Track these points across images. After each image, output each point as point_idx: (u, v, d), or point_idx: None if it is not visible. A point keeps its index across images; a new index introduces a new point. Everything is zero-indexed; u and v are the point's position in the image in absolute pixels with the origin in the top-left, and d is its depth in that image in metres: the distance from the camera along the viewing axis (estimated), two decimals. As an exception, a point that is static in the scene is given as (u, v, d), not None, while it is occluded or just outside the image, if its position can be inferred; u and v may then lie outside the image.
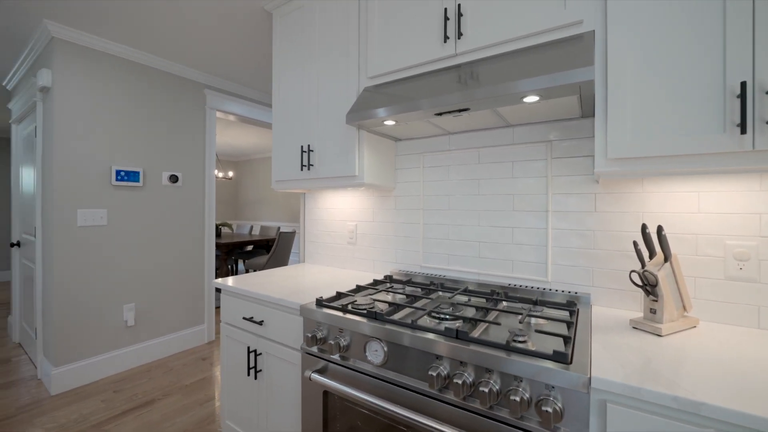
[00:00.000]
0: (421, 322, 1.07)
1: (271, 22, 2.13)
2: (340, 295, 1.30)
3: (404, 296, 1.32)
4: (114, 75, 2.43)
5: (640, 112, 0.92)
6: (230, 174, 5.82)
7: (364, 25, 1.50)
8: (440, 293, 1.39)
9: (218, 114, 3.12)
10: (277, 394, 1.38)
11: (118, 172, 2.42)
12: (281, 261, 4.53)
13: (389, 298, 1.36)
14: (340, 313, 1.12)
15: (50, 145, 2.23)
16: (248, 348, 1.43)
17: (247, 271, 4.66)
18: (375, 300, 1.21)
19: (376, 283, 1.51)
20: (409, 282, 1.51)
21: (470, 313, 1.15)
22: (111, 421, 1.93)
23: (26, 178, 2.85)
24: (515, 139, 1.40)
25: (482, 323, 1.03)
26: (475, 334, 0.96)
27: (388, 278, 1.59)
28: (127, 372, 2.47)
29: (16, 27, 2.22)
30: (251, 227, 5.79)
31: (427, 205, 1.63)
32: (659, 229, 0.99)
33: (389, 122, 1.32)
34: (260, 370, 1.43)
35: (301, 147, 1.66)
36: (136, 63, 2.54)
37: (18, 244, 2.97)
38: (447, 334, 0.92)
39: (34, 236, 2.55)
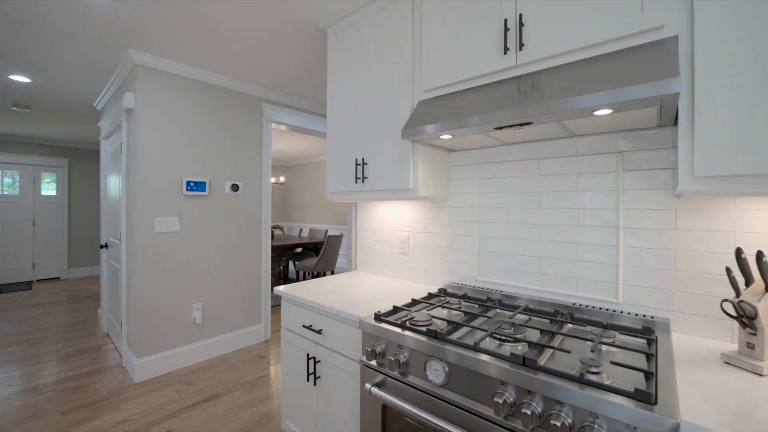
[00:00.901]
0: (483, 343, 1.05)
1: (325, 39, 2.22)
2: (396, 309, 1.31)
3: (461, 312, 1.30)
4: (184, 94, 2.67)
5: (735, 123, 0.83)
6: (281, 179, 6.11)
7: (419, 40, 1.51)
8: (498, 310, 1.36)
9: (273, 125, 3.30)
10: (336, 401, 1.43)
11: (188, 183, 2.65)
12: (329, 263, 4.67)
13: (445, 313, 1.35)
14: (398, 330, 1.13)
15: (133, 160, 2.51)
16: (308, 355, 1.50)
17: (297, 272, 4.87)
18: (433, 316, 1.21)
19: (430, 296, 1.51)
20: (464, 297, 1.49)
21: (534, 335, 1.11)
22: (183, 411, 2.12)
23: (112, 187, 3.22)
24: (580, 150, 1.32)
25: (548, 348, 0.99)
26: (542, 360, 0.92)
27: (443, 291, 1.58)
28: (195, 365, 2.70)
29: (105, 56, 2.51)
30: (300, 229, 6.04)
31: (482, 218, 1.59)
32: (759, 254, 0.88)
33: (445, 136, 1.32)
34: (319, 377, 1.50)
35: (356, 160, 1.70)
36: (203, 82, 2.77)
37: (106, 246, 3.37)
38: (513, 360, 0.89)
39: (119, 240, 2.87)
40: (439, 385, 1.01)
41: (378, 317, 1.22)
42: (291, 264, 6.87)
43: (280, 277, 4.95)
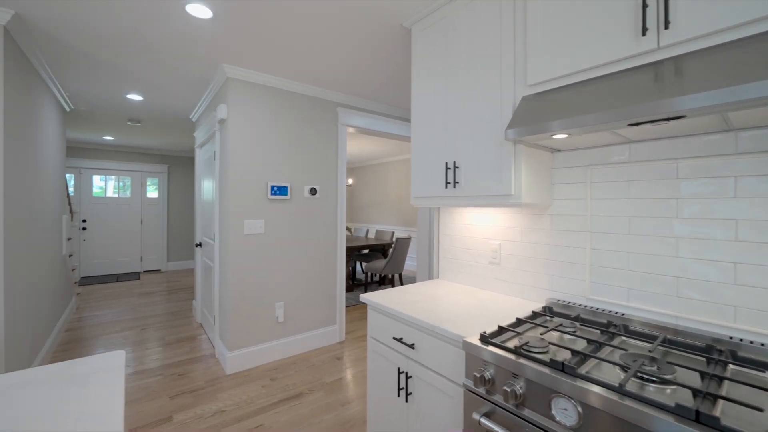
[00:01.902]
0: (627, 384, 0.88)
1: (406, 39, 2.15)
2: (502, 330, 1.19)
3: (578, 338, 1.13)
4: (267, 103, 2.80)
5: None
6: (350, 181, 6.25)
7: (522, 29, 1.35)
8: (625, 338, 1.16)
9: (348, 129, 3.33)
10: (431, 422, 1.35)
11: (272, 188, 2.79)
12: (397, 266, 4.64)
13: (559, 337, 1.19)
14: (512, 356, 1.01)
15: (225, 166, 2.70)
16: (398, 369, 1.44)
17: (366, 274, 4.92)
18: (549, 343, 1.06)
19: (535, 315, 1.36)
20: (577, 318, 1.31)
21: (689, 378, 0.90)
22: (270, 408, 2.21)
23: (205, 192, 3.53)
24: (740, 148, 1.07)
25: (720, 399, 0.79)
26: (716, 412, 0.73)
27: (548, 310, 1.41)
28: (279, 362, 2.83)
29: (202, 72, 2.74)
30: (367, 230, 6.13)
31: (596, 227, 1.39)
32: None
33: (560, 135, 1.15)
34: (410, 393, 1.43)
35: (446, 164, 1.60)
36: (284, 90, 2.88)
37: (200, 245, 3.71)
38: (681, 414, 0.72)
39: (213, 240, 3.13)
40: (569, 428, 0.87)
41: (485, 339, 1.11)
42: (359, 264, 6.99)
43: (349, 277, 5.05)
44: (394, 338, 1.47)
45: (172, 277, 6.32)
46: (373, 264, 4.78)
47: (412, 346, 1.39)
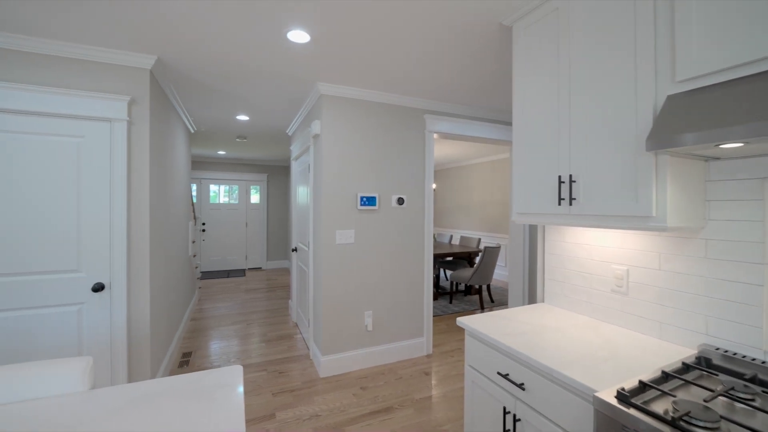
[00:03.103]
0: None
1: (506, 37, 1.96)
2: (645, 386, 0.97)
3: (757, 409, 0.86)
4: (356, 116, 2.86)
5: None
6: (433, 186, 6.14)
7: (667, 15, 1.09)
8: (844, 420, 0.84)
9: (434, 135, 3.23)
10: (544, 477, 1.18)
11: (361, 198, 2.84)
12: (485, 276, 4.38)
13: (727, 405, 0.92)
14: (668, 429, 0.80)
15: (319, 178, 2.84)
16: (504, 408, 1.30)
17: (451, 283, 4.76)
18: (721, 417, 0.82)
19: (687, 368, 1.09)
20: (753, 379, 1.01)
21: None
22: (362, 419, 2.24)
23: (300, 200, 3.78)
24: None
25: None
26: None
27: (704, 361, 1.13)
28: (368, 370, 2.87)
29: (297, 91, 2.92)
30: (451, 236, 5.94)
31: (781, 260, 1.06)
32: None
33: (732, 144, 0.89)
34: (519, 438, 1.28)
35: (559, 177, 1.40)
36: (373, 102, 2.91)
37: (295, 250, 4.00)
38: None
39: (307, 247, 3.33)
40: None
41: (624, 398, 0.91)
42: (442, 271, 6.82)
43: (433, 285, 4.95)
44: (499, 373, 1.33)
45: (271, 275, 7.00)
46: (459, 273, 4.59)
47: (521, 386, 1.24)
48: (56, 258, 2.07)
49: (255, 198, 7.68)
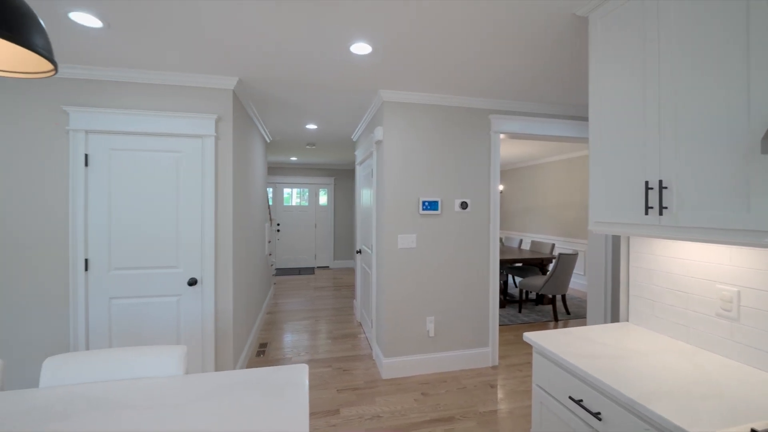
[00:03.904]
0: None
1: (579, 28, 1.79)
2: (759, 437, 0.81)
3: None
4: (420, 120, 2.86)
5: None
6: (501, 188, 5.86)
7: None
8: None
9: (500, 136, 3.08)
10: None
11: (423, 203, 2.83)
12: (560, 286, 4.04)
13: None
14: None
15: (382, 183, 2.89)
16: (577, 437, 1.19)
17: (521, 291, 4.48)
18: None
19: (823, 419, 0.88)
20: None
21: None
22: (422, 425, 2.23)
23: (364, 203, 3.90)
24: None
25: None
26: None
27: None
28: (429, 376, 2.85)
29: (361, 99, 3.01)
30: (520, 241, 5.60)
31: None
32: None
33: None
34: (594, 473, 1.15)
35: (646, 183, 1.23)
36: (435, 105, 2.88)
37: (360, 252, 4.14)
38: None
39: (371, 250, 3.42)
40: None
41: (730, 450, 0.77)
42: (511, 278, 6.47)
43: (500, 292, 4.72)
44: (572, 398, 1.22)
45: (337, 274, 7.33)
46: (530, 281, 4.31)
47: (597, 416, 1.12)
48: (162, 255, 2.44)
49: (323, 200, 8.12)
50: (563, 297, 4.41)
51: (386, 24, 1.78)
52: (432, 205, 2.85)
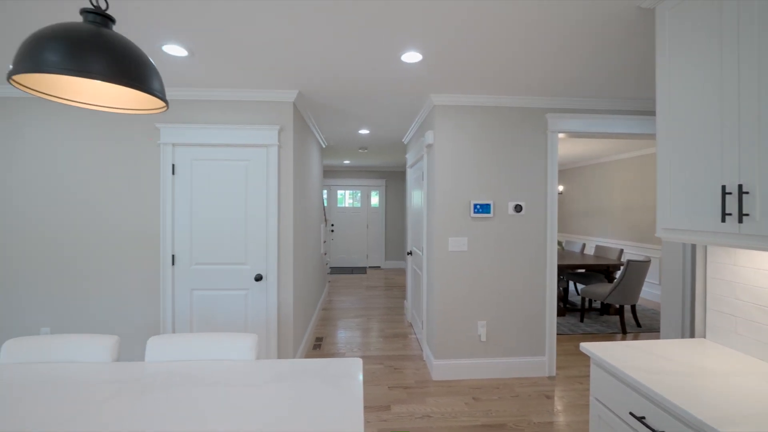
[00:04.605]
0: None
1: (644, 21, 1.67)
2: None
3: None
4: (471, 122, 2.84)
5: None
6: (560, 188, 5.54)
7: None
8: None
9: (559, 135, 2.94)
10: None
11: (475, 206, 2.80)
12: (628, 295, 3.73)
13: None
14: None
15: (432, 186, 2.92)
16: (639, 456, 1.13)
17: (583, 299, 4.20)
18: None
19: None
20: None
21: None
22: (474, 430, 2.22)
23: (415, 206, 3.95)
24: None
25: None
26: None
27: None
28: (480, 381, 2.82)
29: (411, 104, 3.07)
30: (583, 245, 5.22)
31: None
32: None
33: None
34: (659, 496, 1.09)
35: (722, 187, 1.13)
36: (487, 107, 2.84)
37: (410, 253, 4.20)
38: None
39: (421, 252, 3.46)
40: None
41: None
42: (572, 284, 6.07)
43: (560, 299, 4.47)
44: (632, 414, 1.16)
45: (388, 274, 7.46)
46: (593, 288, 4.02)
47: (662, 436, 1.06)
48: (233, 253, 2.72)
49: (375, 201, 8.31)
50: (633, 308, 4.04)
51: (437, 31, 1.82)
52: (484, 208, 2.81)
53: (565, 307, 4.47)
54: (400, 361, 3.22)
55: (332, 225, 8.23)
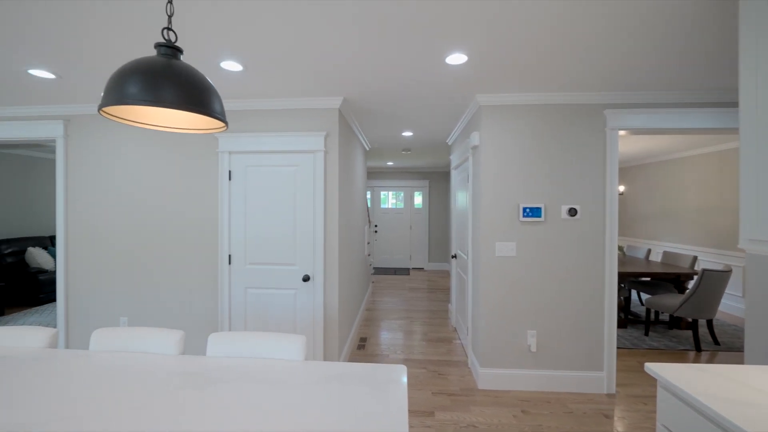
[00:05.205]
0: None
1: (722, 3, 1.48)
2: None
3: None
4: (518, 122, 2.71)
5: None
6: (621, 189, 5.11)
7: None
8: None
9: (619, 133, 2.70)
10: None
11: (524, 209, 2.68)
12: (704, 309, 3.33)
13: None
14: None
15: (478, 189, 2.84)
16: (719, 497, 1.00)
17: (648, 311, 3.83)
18: None
19: None
20: None
21: None
22: (523, 444, 2.12)
23: (459, 208, 3.87)
24: None
25: None
26: None
27: None
28: (530, 393, 2.68)
29: (456, 105, 3.00)
30: (648, 251, 4.76)
31: None
32: None
33: None
34: None
35: (830, 192, 0.96)
36: (538, 105, 2.70)
37: (455, 257, 4.11)
38: None
39: (466, 256, 3.37)
40: None
41: None
42: (635, 293, 5.56)
43: (620, 309, 4.12)
44: (711, 449, 1.03)
45: (432, 276, 7.38)
46: (660, 299, 3.65)
47: (749, 477, 0.92)
48: (283, 254, 2.85)
49: (418, 201, 8.27)
50: (709, 323, 3.60)
51: (484, 31, 1.76)
52: (534, 212, 2.67)
53: (626, 318, 4.11)
54: (444, 367, 3.17)
55: (375, 226, 8.32)
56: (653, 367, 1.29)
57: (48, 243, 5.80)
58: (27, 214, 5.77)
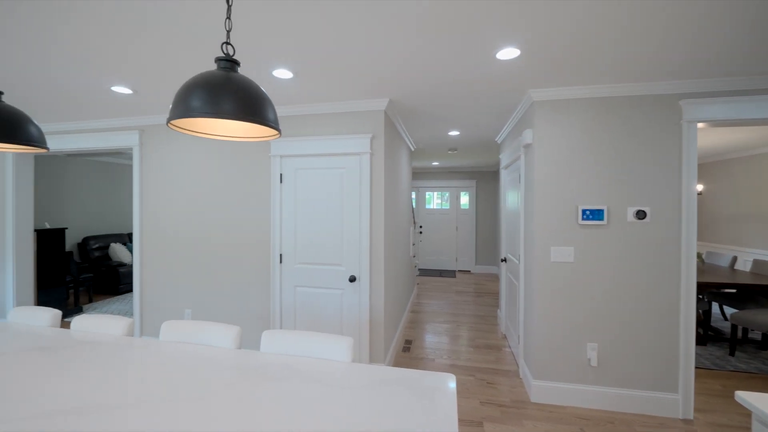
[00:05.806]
0: None
1: None
2: None
3: None
4: (577, 117, 2.51)
5: None
6: (699, 188, 4.56)
7: None
8: None
9: (699, 126, 2.40)
10: None
11: (583, 212, 2.47)
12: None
13: None
14: None
15: (531, 190, 2.68)
16: None
17: (734, 327, 3.33)
18: None
19: None
20: None
21: None
22: (582, 466, 1.95)
23: (510, 209, 3.68)
24: None
25: None
26: None
27: None
28: (590, 411, 2.47)
29: (506, 102, 2.86)
30: (733, 258, 4.17)
31: None
32: None
33: None
34: None
35: None
36: (599, 98, 2.48)
37: (505, 260, 3.93)
38: None
39: (517, 260, 3.20)
40: None
41: None
42: (717, 307, 4.93)
43: (698, 323, 3.66)
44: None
45: (479, 279, 7.14)
46: (749, 315, 3.19)
47: None
48: (331, 254, 2.92)
49: (464, 201, 8.05)
50: (814, 343, 3.07)
51: (540, 21, 1.65)
52: (595, 215, 2.46)
53: (706, 334, 3.63)
54: (493, 375, 3.03)
55: (420, 227, 8.24)
56: (747, 397, 1.11)
57: (126, 239, 6.52)
58: (110, 214, 6.54)
